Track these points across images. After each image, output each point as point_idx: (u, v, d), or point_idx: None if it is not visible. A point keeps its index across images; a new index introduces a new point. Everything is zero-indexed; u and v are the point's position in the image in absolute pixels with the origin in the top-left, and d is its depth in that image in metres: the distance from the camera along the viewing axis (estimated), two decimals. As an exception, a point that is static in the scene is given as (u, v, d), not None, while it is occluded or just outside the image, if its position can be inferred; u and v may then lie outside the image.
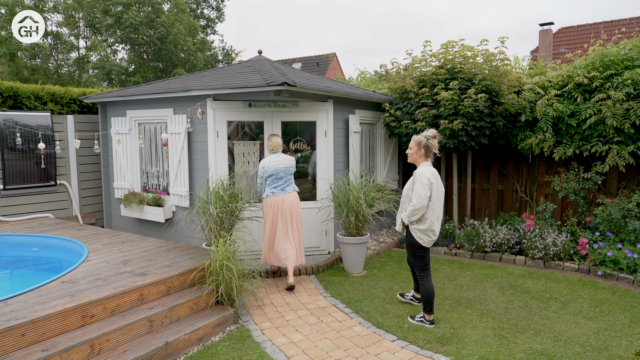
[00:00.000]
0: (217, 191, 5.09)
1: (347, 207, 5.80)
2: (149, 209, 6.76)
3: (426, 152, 4.28)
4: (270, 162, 5.35)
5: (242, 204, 5.30)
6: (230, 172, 6.29)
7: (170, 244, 5.54)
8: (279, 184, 5.37)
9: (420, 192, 4.12)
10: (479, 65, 6.95)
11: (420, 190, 4.12)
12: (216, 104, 6.11)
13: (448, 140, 6.90)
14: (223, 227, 5.14)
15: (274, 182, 5.36)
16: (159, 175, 7.08)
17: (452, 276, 5.80)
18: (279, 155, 5.43)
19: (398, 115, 7.40)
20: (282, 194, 5.36)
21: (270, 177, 5.35)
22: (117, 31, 20.08)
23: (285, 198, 5.36)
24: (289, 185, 5.41)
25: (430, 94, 6.91)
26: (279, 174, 5.35)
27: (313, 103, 6.41)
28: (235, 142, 6.27)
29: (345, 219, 5.84)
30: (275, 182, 5.36)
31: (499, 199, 8.14)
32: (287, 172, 5.40)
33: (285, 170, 5.38)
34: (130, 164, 7.23)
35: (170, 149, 6.59)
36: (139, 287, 4.01)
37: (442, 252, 6.99)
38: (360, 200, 5.64)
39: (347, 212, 5.83)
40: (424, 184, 4.11)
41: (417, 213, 4.15)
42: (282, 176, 5.36)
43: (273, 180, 5.36)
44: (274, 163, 5.34)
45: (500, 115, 6.93)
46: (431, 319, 4.31)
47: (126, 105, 7.22)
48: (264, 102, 6.22)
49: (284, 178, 5.37)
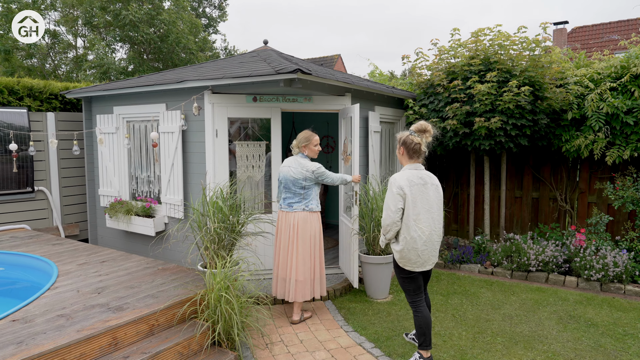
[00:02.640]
0: (215, 202, 4.17)
1: (372, 221, 4.86)
2: (138, 220, 5.84)
3: (407, 151, 3.36)
4: (283, 167, 4.37)
5: (246, 218, 4.37)
6: (232, 178, 5.37)
7: (159, 264, 4.62)
8: (287, 197, 4.32)
9: (388, 204, 3.27)
10: (518, 55, 6.02)
11: (389, 201, 3.27)
12: (215, 98, 5.20)
13: (483, 141, 5.96)
14: (222, 246, 4.21)
15: (283, 191, 4.36)
16: (150, 181, 6.16)
17: (496, 303, 4.85)
18: (296, 159, 4.33)
19: (423, 112, 6.48)
20: (287, 210, 4.30)
21: (281, 185, 4.37)
22: (116, 30, 19.27)
23: (289, 217, 4.27)
24: (297, 202, 4.25)
25: (463, 87, 5.98)
26: (287, 184, 4.30)
27: (328, 97, 5.49)
28: (237, 142, 5.35)
29: (369, 234, 4.90)
30: (284, 193, 4.35)
31: (533, 208, 7.19)
32: (295, 185, 4.23)
33: (294, 182, 4.23)
34: (117, 168, 6.33)
35: (162, 150, 5.68)
36: (112, 328, 3.09)
37: (476, 270, 6.05)
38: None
39: (371, 226, 4.90)
40: (393, 193, 3.24)
41: (389, 230, 3.30)
42: (291, 189, 4.27)
43: (283, 190, 4.37)
44: (285, 169, 4.33)
45: (543, 112, 5.99)
46: (428, 355, 3.39)
47: (113, 100, 6.33)
48: (271, 96, 5.30)
49: (292, 191, 4.27)
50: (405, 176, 3.26)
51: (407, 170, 3.31)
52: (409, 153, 3.34)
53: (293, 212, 4.26)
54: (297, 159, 4.33)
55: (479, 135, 5.95)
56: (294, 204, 4.27)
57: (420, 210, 3.24)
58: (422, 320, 3.35)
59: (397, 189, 3.22)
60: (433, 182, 3.34)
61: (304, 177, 4.22)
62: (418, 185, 3.25)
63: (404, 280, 3.40)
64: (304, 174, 4.22)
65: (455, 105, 5.93)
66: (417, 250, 3.24)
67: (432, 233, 3.29)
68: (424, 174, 3.32)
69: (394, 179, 3.27)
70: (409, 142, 3.32)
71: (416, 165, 3.34)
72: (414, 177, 3.26)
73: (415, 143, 3.30)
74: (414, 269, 3.30)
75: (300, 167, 4.24)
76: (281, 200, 4.38)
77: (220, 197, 4.29)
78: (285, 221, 4.31)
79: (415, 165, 3.34)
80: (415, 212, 3.23)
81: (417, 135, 3.32)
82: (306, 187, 4.24)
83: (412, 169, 3.32)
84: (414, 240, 3.22)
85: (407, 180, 3.24)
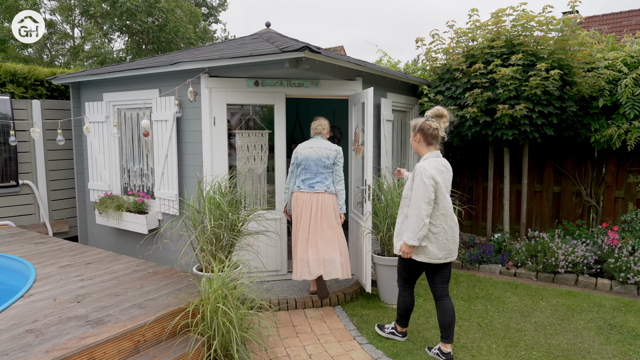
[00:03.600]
0: (212, 197, 3.68)
1: (387, 218, 4.37)
2: (129, 217, 5.36)
3: (425, 137, 3.24)
4: (304, 148, 4.37)
5: (247, 215, 3.88)
6: (232, 170, 4.88)
7: (149, 266, 4.14)
8: (307, 178, 4.33)
9: (419, 197, 3.08)
10: (544, 37, 5.49)
11: (420, 194, 3.08)
12: (213, 82, 4.69)
13: (506, 130, 5.45)
14: (220, 246, 3.73)
15: (302, 173, 4.37)
16: (143, 174, 5.68)
17: (525, 309, 4.37)
18: (316, 140, 4.40)
19: (439, 100, 5.97)
20: (309, 191, 4.31)
21: (300, 167, 4.37)
22: (114, 19, 18.70)
23: (313, 198, 4.30)
24: (319, 183, 4.31)
25: (485, 71, 5.45)
26: (308, 165, 4.31)
27: (337, 82, 4.98)
28: (237, 132, 4.85)
29: (383, 234, 4.41)
30: (304, 174, 4.35)
31: (554, 204, 6.70)
32: (318, 164, 4.30)
33: (317, 161, 4.29)
34: (108, 160, 5.84)
35: (156, 140, 5.19)
36: (89, 347, 2.61)
37: (497, 271, 5.56)
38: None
39: (386, 224, 4.41)
40: (425, 184, 3.07)
41: (423, 225, 3.10)
42: (312, 169, 4.31)
43: (302, 172, 4.37)
44: (306, 150, 4.34)
45: (571, 99, 5.47)
46: (404, 331, 3.69)
47: (103, 86, 5.82)
48: (274, 80, 4.79)
49: (313, 171, 4.31)
50: (433, 164, 3.15)
51: (432, 158, 3.20)
52: (427, 139, 3.23)
53: (315, 193, 4.30)
54: (317, 140, 4.40)
55: (502, 124, 5.43)
56: (315, 184, 4.31)
57: (446, 197, 3.18)
58: (407, 304, 3.52)
59: (429, 178, 3.06)
60: (450, 170, 3.29)
61: (327, 155, 4.32)
62: (444, 172, 3.20)
63: (410, 268, 3.38)
64: (327, 153, 4.32)
65: (475, 92, 5.41)
66: (454, 239, 3.22)
67: (455, 219, 3.27)
68: (445, 162, 3.26)
69: (423, 168, 3.09)
70: (427, 127, 3.21)
71: (437, 153, 3.24)
72: (439, 165, 3.19)
73: (433, 128, 3.20)
74: (448, 260, 3.25)
75: (324, 147, 4.34)
76: (297, 182, 4.38)
77: (218, 191, 3.81)
78: (307, 202, 4.30)
79: (436, 152, 3.24)
80: (445, 201, 3.17)
81: (434, 121, 3.22)
82: (328, 167, 4.34)
83: (435, 156, 3.22)
84: (452, 230, 3.20)
85: (436, 169, 3.13)
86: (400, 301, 3.55)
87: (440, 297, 3.31)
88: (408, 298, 3.51)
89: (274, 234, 4.71)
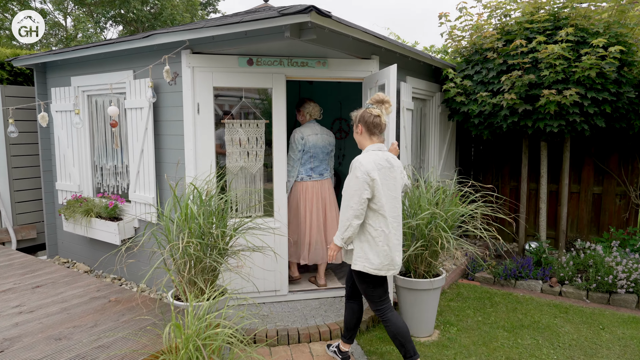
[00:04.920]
0: (187, 206, 2.80)
1: (415, 231, 3.48)
2: (99, 224, 4.48)
3: (367, 128, 2.90)
4: (310, 135, 4.22)
5: (234, 229, 3.00)
6: (221, 169, 4.00)
7: (113, 291, 3.27)
8: (316, 166, 4.29)
9: (350, 193, 2.73)
10: (596, 11, 4.58)
11: (351, 190, 2.73)
12: (196, 60, 3.80)
13: (550, 121, 4.55)
14: (201, 269, 2.86)
15: (309, 161, 4.25)
16: (117, 173, 4.80)
17: (586, 344, 3.49)
18: (315, 126, 4.30)
19: (467, 86, 5.06)
20: (319, 179, 4.30)
21: (307, 155, 4.23)
22: (106, 7, 17.78)
23: (324, 185, 4.33)
24: (325, 170, 4.37)
25: (526, 49, 4.54)
26: (316, 153, 4.25)
27: (349, 61, 4.08)
28: (227, 121, 3.96)
29: (407, 249, 3.51)
30: (312, 162, 4.26)
31: (594, 206, 5.82)
32: (324, 152, 4.30)
33: (324, 148, 4.29)
34: (77, 156, 4.96)
35: (130, 132, 4.31)
36: None
37: (538, 288, 4.67)
38: (437, 219, 3.31)
39: (411, 237, 3.52)
40: (358, 180, 2.73)
41: (348, 226, 2.76)
42: (320, 156, 4.29)
43: (309, 160, 4.25)
44: (313, 137, 4.22)
45: (629, 83, 4.56)
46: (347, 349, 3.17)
47: (70, 69, 4.94)
48: (272, 58, 3.90)
49: (320, 158, 4.29)
50: (371, 158, 2.78)
51: (372, 151, 2.84)
52: (369, 129, 2.88)
53: (325, 180, 4.35)
54: (316, 125, 4.32)
55: (545, 113, 4.53)
56: (323, 171, 4.34)
57: (388, 199, 2.79)
58: (396, 330, 2.85)
59: (363, 174, 2.72)
60: (399, 166, 2.92)
61: (330, 141, 4.36)
62: (385, 168, 2.81)
63: (368, 287, 2.89)
64: (330, 140, 4.36)
65: (514, 74, 4.50)
66: (396, 247, 2.83)
67: (399, 226, 2.87)
68: (389, 156, 2.88)
69: (359, 162, 2.75)
70: (367, 115, 2.87)
71: (380, 146, 2.88)
72: (380, 159, 2.81)
73: (374, 116, 2.85)
74: (390, 273, 2.82)
75: (325, 133, 4.32)
76: (305, 170, 4.25)
77: (198, 198, 2.92)
78: (317, 190, 4.28)
79: (379, 145, 2.88)
80: (384, 202, 2.76)
81: (375, 107, 2.89)
82: (330, 153, 4.38)
83: (377, 149, 2.85)
84: (395, 236, 2.83)
85: (374, 163, 2.76)
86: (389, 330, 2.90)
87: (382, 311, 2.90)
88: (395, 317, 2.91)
89: (273, 253, 3.81)
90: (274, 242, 4.01)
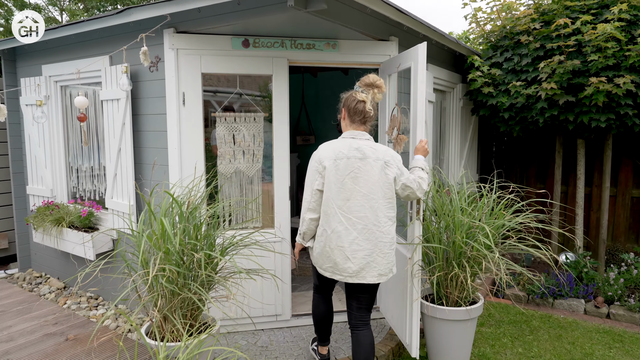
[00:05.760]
0: (162, 226, 2.16)
1: (447, 247, 2.83)
2: (71, 235, 3.85)
3: (348, 113, 2.51)
4: None
5: (223, 249, 2.37)
6: (211, 171, 3.37)
7: (72, 325, 2.65)
8: None
9: (306, 184, 2.49)
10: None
11: (307, 180, 2.48)
12: (181, 41, 3.16)
13: (597, 115, 3.91)
14: (182, 301, 2.22)
15: None
16: (94, 176, 4.17)
17: (657, 386, 2.84)
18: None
19: (495, 74, 4.42)
20: None
21: None
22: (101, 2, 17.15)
23: None
24: None
25: (570, 31, 3.89)
26: None
27: (364, 43, 3.44)
28: (218, 115, 3.32)
29: (440, 271, 2.86)
30: None
31: (632, 212, 5.16)
32: None
33: None
34: (50, 157, 4.33)
35: (106, 128, 3.68)
36: None
37: (581, 309, 4.03)
38: (477, 234, 2.66)
39: (443, 256, 2.87)
40: (311, 169, 2.46)
41: (303, 220, 2.50)
42: None
43: None
44: None
45: (689, 70, 3.90)
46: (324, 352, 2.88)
47: (41, 56, 4.31)
48: (272, 39, 3.26)
49: None
50: (332, 146, 2.45)
51: (342, 138, 2.49)
52: (350, 115, 2.50)
53: None
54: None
55: (592, 105, 3.88)
56: None
57: (351, 194, 2.38)
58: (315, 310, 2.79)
59: (316, 162, 2.46)
60: (378, 157, 2.41)
61: None
62: (350, 159, 2.39)
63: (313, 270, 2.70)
64: None
65: (555, 59, 3.85)
66: (343, 250, 2.38)
67: (370, 229, 2.38)
68: (363, 145, 2.42)
69: (316, 150, 2.50)
70: (351, 100, 2.49)
71: (355, 133, 2.47)
72: (344, 147, 2.42)
73: (357, 101, 2.45)
74: (337, 278, 2.43)
75: None
76: None
77: (177, 213, 2.29)
78: None
79: (354, 132, 2.47)
80: (343, 197, 2.38)
81: (362, 91, 2.49)
82: None
83: (349, 137, 2.48)
84: (337, 236, 2.38)
85: (332, 151, 2.42)
86: (313, 305, 2.86)
87: (356, 326, 2.55)
88: (317, 302, 2.80)
89: (272, 276, 3.18)
90: (274, 263, 3.37)
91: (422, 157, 2.70)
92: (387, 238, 2.39)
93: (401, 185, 2.44)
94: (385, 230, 2.38)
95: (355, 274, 2.37)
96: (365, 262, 2.35)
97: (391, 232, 2.42)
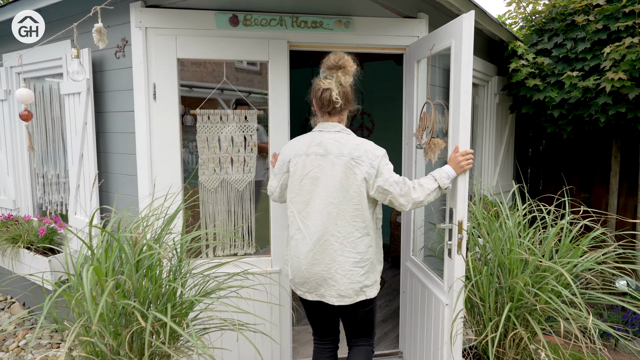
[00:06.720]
0: (96, 271, 1.46)
1: (499, 293, 2.07)
2: (28, 258, 3.19)
3: (317, 105, 2.03)
4: None
5: (192, 302, 1.66)
6: (190, 183, 2.67)
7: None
8: None
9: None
10: None
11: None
12: (151, 17, 2.47)
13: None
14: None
15: None
16: (59, 184, 3.51)
17: None
18: None
19: (543, 64, 3.64)
20: None
21: None
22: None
23: None
24: None
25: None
26: None
27: (385, 21, 2.70)
28: (198, 112, 2.62)
29: (486, 323, 2.10)
30: None
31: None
32: None
33: None
34: (13, 162, 3.69)
35: (68, 128, 3.01)
36: None
37: (653, 354, 3.24)
38: (547, 277, 1.91)
39: (495, 307, 2.11)
40: (276, 165, 2.11)
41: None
42: None
43: None
44: None
45: None
46: None
47: (2, 43, 3.67)
48: (269, 15, 2.54)
49: None
50: (295, 142, 2.04)
51: (312, 132, 2.03)
52: (318, 107, 2.03)
53: None
54: None
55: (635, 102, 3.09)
56: None
57: (310, 197, 1.94)
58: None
59: (279, 162, 2.08)
60: (342, 153, 1.90)
61: None
62: (309, 156, 1.95)
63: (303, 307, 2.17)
64: None
65: (626, 42, 3.06)
66: (299, 262, 1.97)
67: (327, 240, 1.90)
68: (328, 139, 1.94)
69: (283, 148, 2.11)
70: (315, 89, 2.02)
71: (324, 125, 2.01)
72: (306, 143, 1.99)
73: (322, 90, 1.97)
74: (298, 291, 2.04)
75: None
76: None
77: (125, 248, 1.59)
78: None
79: (322, 125, 2.02)
80: (302, 200, 1.96)
81: (327, 76, 1.98)
82: None
83: (317, 130, 2.02)
84: (296, 244, 1.99)
85: (292, 148, 2.02)
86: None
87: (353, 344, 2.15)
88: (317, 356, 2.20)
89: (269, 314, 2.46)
90: (270, 311, 2.64)
91: (451, 169, 2.00)
92: (351, 253, 1.91)
93: (377, 188, 1.86)
94: (348, 243, 1.90)
95: (314, 289, 1.97)
96: (322, 278, 1.93)
97: (359, 247, 1.91)
